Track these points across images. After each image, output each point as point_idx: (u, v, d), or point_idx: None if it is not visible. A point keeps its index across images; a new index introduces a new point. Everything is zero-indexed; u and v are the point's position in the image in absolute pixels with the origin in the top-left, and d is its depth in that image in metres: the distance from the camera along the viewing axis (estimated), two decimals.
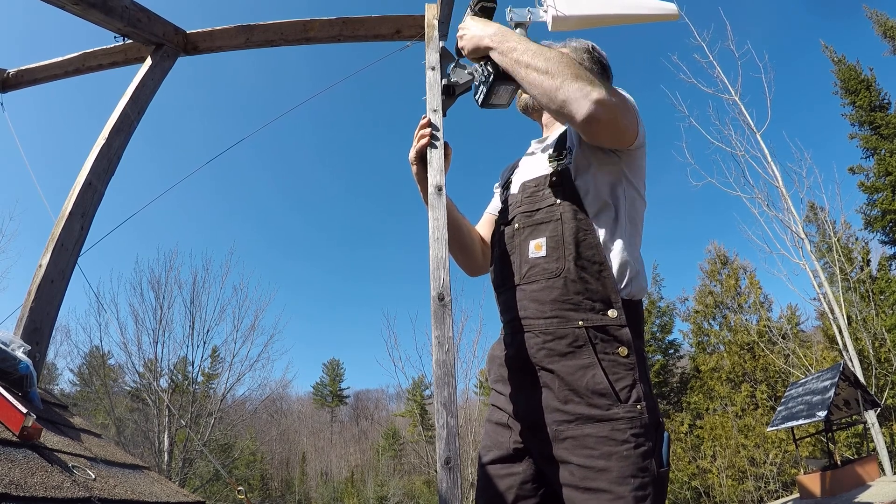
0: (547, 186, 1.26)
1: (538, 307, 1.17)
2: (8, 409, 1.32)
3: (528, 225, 1.25)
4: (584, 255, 1.16)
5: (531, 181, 1.31)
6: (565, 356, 1.12)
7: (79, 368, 18.51)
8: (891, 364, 15.67)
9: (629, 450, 1.04)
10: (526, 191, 1.30)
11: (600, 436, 1.06)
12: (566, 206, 1.20)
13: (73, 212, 2.35)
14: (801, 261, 14.46)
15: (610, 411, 1.07)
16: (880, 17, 19.22)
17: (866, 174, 18.51)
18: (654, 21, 1.42)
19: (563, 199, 1.21)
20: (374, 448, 34.72)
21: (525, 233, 1.25)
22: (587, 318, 1.13)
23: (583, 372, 1.10)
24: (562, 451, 1.09)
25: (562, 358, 1.13)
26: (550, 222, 1.22)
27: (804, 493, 9.62)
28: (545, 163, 1.31)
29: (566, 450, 1.08)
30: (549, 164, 1.29)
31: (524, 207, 1.28)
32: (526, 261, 1.23)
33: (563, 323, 1.14)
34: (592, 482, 1.04)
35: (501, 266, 1.31)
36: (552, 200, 1.23)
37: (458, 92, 1.55)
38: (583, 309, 1.14)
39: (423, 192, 1.40)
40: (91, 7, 2.39)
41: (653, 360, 21.18)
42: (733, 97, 15.22)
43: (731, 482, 17.05)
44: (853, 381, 10.37)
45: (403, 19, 2.58)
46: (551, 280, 1.17)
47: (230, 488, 17.78)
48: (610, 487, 1.03)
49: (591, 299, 1.14)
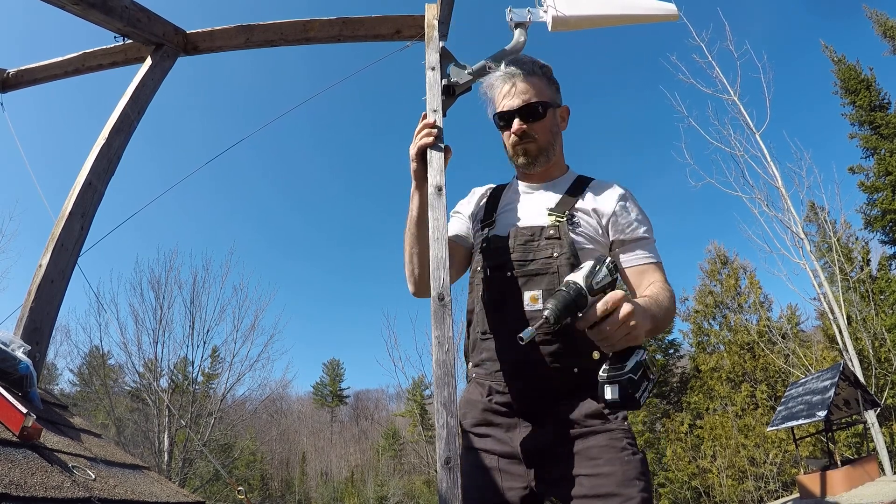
0: (544, 238, 1.27)
1: (536, 358, 1.21)
2: (8, 409, 1.32)
3: (522, 275, 1.26)
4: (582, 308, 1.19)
5: (525, 229, 1.30)
6: (562, 397, 1.21)
7: (79, 368, 18.51)
8: (891, 364, 15.67)
9: (629, 455, 1.14)
10: (518, 238, 1.29)
11: (601, 445, 1.15)
12: (563, 260, 1.23)
13: (73, 212, 2.35)
14: (801, 260, 14.46)
15: (606, 425, 1.17)
16: (880, 17, 19.23)
17: (866, 174, 18.51)
18: (654, 21, 1.43)
19: (560, 254, 1.24)
20: (374, 448, 34.73)
21: (519, 282, 1.25)
22: (580, 363, 1.21)
23: (578, 404, 1.20)
24: (564, 469, 1.15)
25: (560, 399, 1.21)
26: (547, 275, 1.23)
27: (804, 493, 9.62)
28: (543, 214, 1.32)
29: (570, 465, 1.15)
30: (549, 218, 1.30)
31: (517, 255, 1.27)
32: (521, 312, 1.23)
33: (562, 371, 1.20)
34: (601, 488, 1.10)
35: (491, 312, 1.30)
36: (549, 253, 1.25)
37: (458, 92, 1.55)
38: (576, 355, 1.21)
39: (417, 188, 1.38)
40: (91, 7, 2.39)
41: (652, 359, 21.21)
42: (732, 97, 15.21)
43: (731, 482, 17.05)
44: (853, 381, 10.37)
45: (403, 19, 2.57)
46: (550, 333, 1.20)
47: (230, 488, 17.78)
48: (618, 490, 1.09)
49: (582, 346, 1.19)
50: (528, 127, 1.35)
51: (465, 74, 1.52)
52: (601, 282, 1.03)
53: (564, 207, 1.31)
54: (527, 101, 1.34)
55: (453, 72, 1.53)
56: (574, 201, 1.33)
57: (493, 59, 1.47)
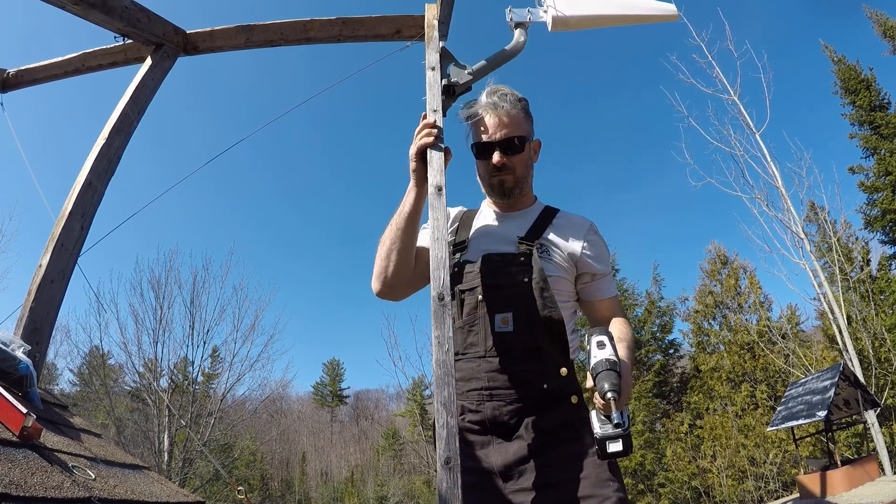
0: (514, 265, 1.33)
1: (508, 378, 1.27)
2: (8, 409, 1.32)
3: (492, 298, 1.31)
4: (551, 330, 1.29)
5: (497, 255, 1.36)
6: (533, 413, 1.27)
7: (79, 368, 18.51)
8: (891, 364, 15.66)
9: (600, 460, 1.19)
10: (490, 264, 1.35)
11: (573, 453, 1.23)
12: (535, 286, 1.30)
13: (73, 212, 2.36)
14: (801, 260, 14.46)
15: (575, 435, 1.25)
16: (880, 17, 19.23)
17: (866, 174, 18.51)
18: (654, 21, 1.43)
19: (530, 279, 1.31)
20: (374, 448, 34.73)
21: (490, 306, 1.31)
22: (548, 381, 1.28)
23: (550, 415, 1.26)
24: (540, 477, 1.21)
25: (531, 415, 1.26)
26: (517, 299, 1.30)
27: (804, 493, 9.62)
28: (513, 242, 1.39)
29: (546, 474, 1.21)
30: (520, 246, 1.38)
31: (488, 280, 1.32)
32: (491, 333, 1.29)
33: (531, 390, 1.27)
34: (578, 492, 1.17)
35: (463, 333, 1.34)
36: (520, 279, 1.31)
37: (458, 92, 1.55)
38: (546, 374, 1.28)
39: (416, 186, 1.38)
40: (91, 7, 2.39)
41: (653, 359, 21.18)
42: (732, 97, 15.21)
43: (731, 482, 17.05)
44: (853, 381, 10.37)
45: (403, 19, 2.57)
46: (522, 353, 1.28)
47: (230, 488, 17.79)
48: (594, 492, 1.17)
49: (551, 366, 1.28)
50: (507, 160, 1.40)
51: (465, 74, 1.52)
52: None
53: (534, 237, 1.39)
54: (507, 136, 1.39)
55: (453, 72, 1.53)
56: (543, 231, 1.41)
57: (493, 60, 1.48)
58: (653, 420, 20.04)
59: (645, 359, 20.96)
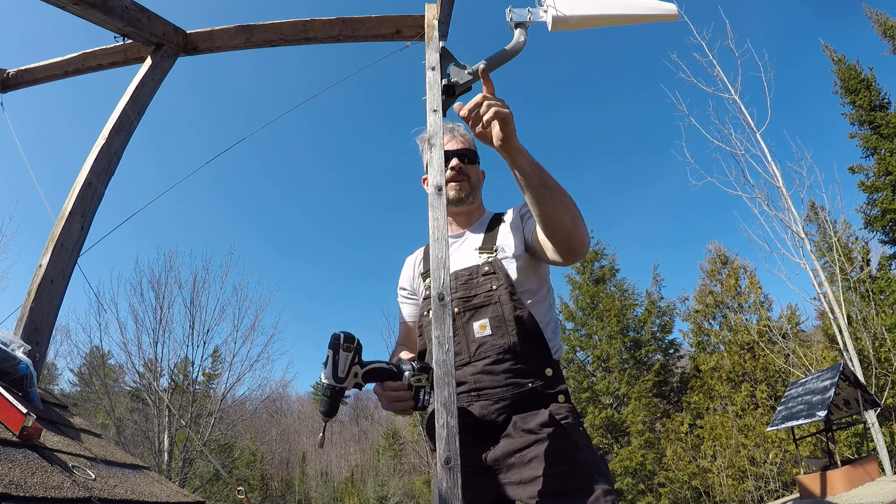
0: (481, 275, 1.44)
1: (492, 378, 1.35)
2: (8, 409, 1.32)
3: (468, 309, 1.42)
4: (524, 329, 1.37)
5: (463, 271, 1.48)
6: (520, 412, 1.33)
7: (79, 368, 18.48)
8: (891, 364, 15.66)
9: (586, 455, 1.27)
10: (459, 279, 1.46)
11: (559, 449, 1.26)
12: (503, 290, 1.40)
13: (73, 212, 2.36)
14: (801, 260, 14.48)
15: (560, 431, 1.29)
16: (880, 17, 19.23)
17: (866, 173, 18.51)
18: (654, 21, 1.42)
19: (499, 285, 1.41)
20: (374, 448, 34.70)
21: (466, 316, 1.42)
22: (533, 380, 1.35)
23: (534, 415, 1.32)
24: (528, 471, 1.26)
25: (517, 413, 1.33)
26: (490, 305, 1.40)
27: (804, 493, 9.62)
28: (474, 254, 1.50)
29: (532, 468, 1.25)
30: (481, 256, 1.48)
31: (460, 294, 1.44)
32: (473, 340, 1.39)
33: (516, 387, 1.34)
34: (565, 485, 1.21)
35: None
36: (489, 287, 1.41)
37: (458, 92, 1.55)
38: (529, 374, 1.35)
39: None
40: (91, 7, 2.39)
41: (653, 359, 21.16)
42: (733, 96, 15.23)
43: (732, 482, 17.04)
44: (853, 381, 10.38)
45: (403, 19, 2.57)
46: (501, 354, 1.35)
47: (230, 488, 17.81)
48: (579, 485, 1.21)
49: (534, 364, 1.36)
50: (464, 167, 1.59)
51: (465, 74, 1.51)
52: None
53: (490, 243, 1.51)
54: (464, 147, 1.61)
55: (453, 72, 1.53)
56: (495, 234, 1.53)
57: (493, 59, 1.47)
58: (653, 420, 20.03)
59: (645, 359, 20.94)
